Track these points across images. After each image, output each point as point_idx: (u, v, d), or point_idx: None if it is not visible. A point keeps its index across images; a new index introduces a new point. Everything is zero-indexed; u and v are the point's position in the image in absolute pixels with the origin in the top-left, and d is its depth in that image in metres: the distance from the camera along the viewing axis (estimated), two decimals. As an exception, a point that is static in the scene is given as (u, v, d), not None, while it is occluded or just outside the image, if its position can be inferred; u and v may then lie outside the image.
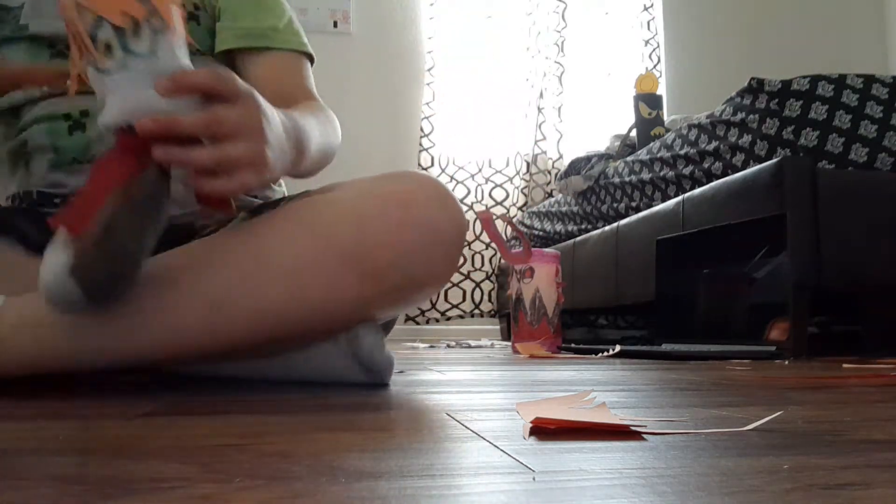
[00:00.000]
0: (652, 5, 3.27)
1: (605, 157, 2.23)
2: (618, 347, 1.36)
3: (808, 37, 3.46)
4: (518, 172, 3.10)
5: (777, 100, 1.39)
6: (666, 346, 1.40)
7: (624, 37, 3.28)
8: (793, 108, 1.37)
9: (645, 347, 1.40)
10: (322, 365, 0.66)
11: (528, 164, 3.10)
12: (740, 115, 1.47)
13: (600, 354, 1.32)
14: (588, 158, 2.27)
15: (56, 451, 0.32)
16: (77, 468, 0.28)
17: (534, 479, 0.27)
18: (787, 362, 1.10)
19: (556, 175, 3.01)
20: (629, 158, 1.97)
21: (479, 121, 3.10)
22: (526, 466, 0.29)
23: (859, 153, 1.36)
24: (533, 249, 1.49)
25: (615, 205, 2.04)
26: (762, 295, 1.41)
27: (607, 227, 1.99)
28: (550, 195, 3.03)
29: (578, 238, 2.18)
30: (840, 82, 1.38)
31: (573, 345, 1.65)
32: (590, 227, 2.20)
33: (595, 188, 2.15)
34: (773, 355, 1.21)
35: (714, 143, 1.56)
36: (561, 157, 3.09)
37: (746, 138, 1.46)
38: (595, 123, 3.17)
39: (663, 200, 1.74)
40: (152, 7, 0.51)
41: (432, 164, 3.04)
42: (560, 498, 0.24)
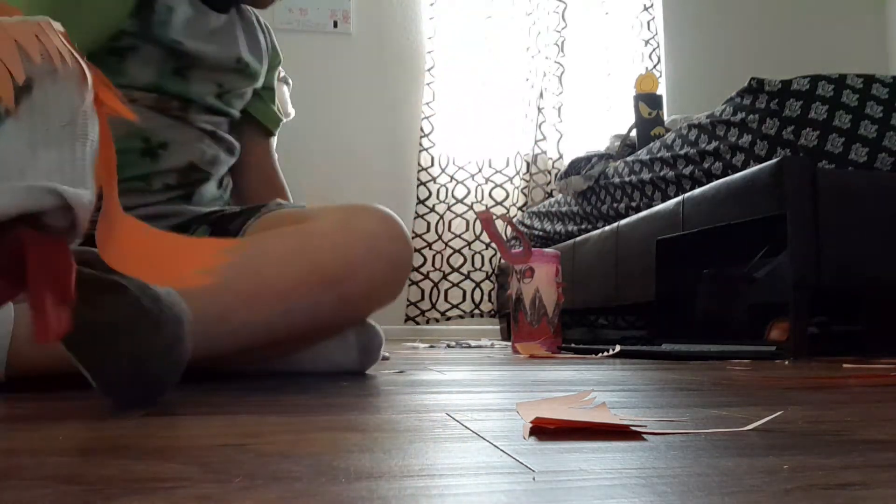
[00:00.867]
0: (652, 5, 3.27)
1: (605, 157, 2.23)
2: (618, 347, 1.36)
3: (808, 37, 3.46)
4: (518, 172, 3.10)
5: (777, 100, 1.39)
6: (666, 346, 1.40)
7: (624, 37, 3.28)
8: (793, 108, 1.37)
9: (645, 347, 1.40)
10: (325, 357, 0.78)
11: (528, 164, 3.10)
12: (740, 115, 1.47)
13: (600, 354, 1.32)
14: (588, 158, 2.27)
15: (56, 451, 0.32)
16: (77, 468, 0.28)
17: (534, 479, 0.27)
18: (787, 362, 1.10)
19: (556, 175, 3.02)
20: (629, 158, 1.97)
21: (479, 121, 3.10)
22: (526, 466, 0.29)
23: (859, 153, 1.36)
24: (533, 249, 1.49)
25: (615, 205, 2.04)
26: (762, 295, 1.41)
27: (607, 227, 1.99)
28: (550, 195, 3.03)
29: (578, 238, 2.18)
30: (840, 82, 1.38)
31: (573, 345, 1.65)
32: (590, 227, 2.20)
33: (595, 188, 2.15)
34: (773, 355, 1.21)
35: (714, 143, 1.56)
36: (561, 157, 3.09)
37: (746, 138, 1.46)
38: (595, 123, 3.17)
39: (663, 200, 1.74)
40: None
41: (432, 164, 3.04)
42: (560, 498, 0.24)
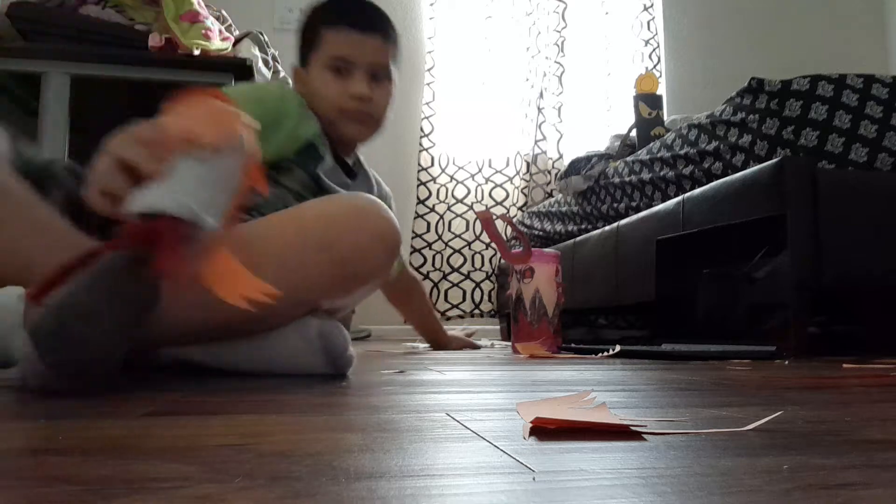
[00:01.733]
0: (652, 5, 3.27)
1: (605, 157, 2.23)
2: (618, 347, 1.36)
3: (808, 37, 3.46)
4: (518, 172, 3.10)
5: (777, 100, 1.39)
6: (666, 346, 1.40)
7: (624, 37, 3.28)
8: (793, 108, 1.37)
9: (645, 347, 1.40)
10: (291, 358, 0.80)
11: (528, 164, 3.10)
12: (740, 115, 1.47)
13: (600, 354, 1.32)
14: (588, 158, 2.27)
15: (56, 451, 0.32)
16: (77, 468, 0.28)
17: (534, 479, 0.27)
18: (787, 362, 1.10)
19: (556, 175, 3.02)
20: (629, 158, 1.97)
21: (479, 121, 3.10)
22: (526, 466, 0.29)
23: (859, 153, 1.36)
24: (533, 249, 1.49)
25: (615, 205, 2.04)
26: (762, 295, 1.41)
27: (607, 227, 1.99)
28: (550, 195, 3.03)
29: (578, 238, 2.18)
30: (840, 82, 1.38)
31: (573, 345, 1.65)
32: (590, 227, 2.20)
33: (595, 188, 2.15)
34: (773, 355, 1.21)
35: (714, 143, 1.56)
36: (561, 157, 3.09)
37: (746, 138, 1.46)
38: (595, 123, 3.17)
39: (663, 200, 1.74)
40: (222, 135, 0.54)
41: (432, 164, 3.04)
42: (560, 498, 0.24)
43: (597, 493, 0.24)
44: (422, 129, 3.05)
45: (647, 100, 2.16)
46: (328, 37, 1.08)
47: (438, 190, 3.04)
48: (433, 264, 3.01)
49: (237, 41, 1.76)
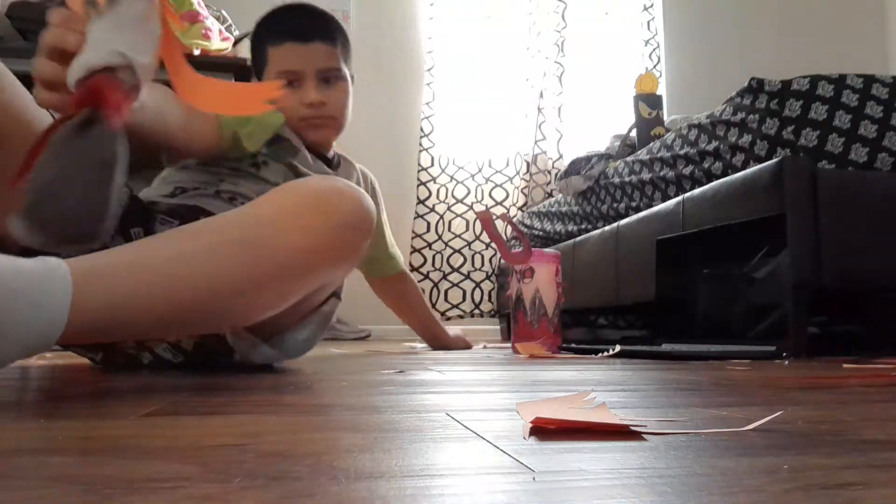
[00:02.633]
0: (652, 5, 3.27)
1: (605, 157, 2.23)
2: (618, 347, 1.36)
3: (808, 37, 3.46)
4: (518, 172, 3.10)
5: (777, 100, 1.39)
6: (666, 346, 1.40)
7: (624, 37, 3.28)
8: (793, 108, 1.37)
9: (645, 347, 1.40)
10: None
11: (528, 164, 3.10)
12: (740, 115, 1.47)
13: (600, 354, 1.32)
14: (588, 158, 2.27)
15: (56, 451, 0.32)
16: (77, 468, 0.28)
17: (534, 479, 0.27)
18: (787, 362, 1.10)
19: (556, 175, 3.01)
20: (629, 158, 1.97)
21: (479, 121, 3.10)
22: (526, 466, 0.29)
23: (859, 153, 1.36)
24: (533, 249, 1.49)
25: (615, 205, 2.04)
26: (762, 295, 1.41)
27: (607, 227, 1.99)
28: (550, 195, 3.03)
29: (578, 238, 2.18)
30: (840, 82, 1.37)
31: (573, 345, 1.65)
32: (590, 227, 2.20)
33: (595, 188, 2.15)
34: (773, 355, 1.21)
35: (714, 143, 1.56)
36: (561, 157, 3.09)
37: (746, 138, 1.46)
38: (595, 123, 3.17)
39: (663, 200, 1.74)
40: None
41: (432, 164, 3.04)
42: (560, 498, 0.24)
43: (597, 493, 0.24)
44: (422, 129, 3.05)
45: (647, 100, 2.16)
46: (273, 54, 1.11)
47: (438, 190, 3.04)
48: (433, 264, 3.01)
49: (237, 41, 1.76)
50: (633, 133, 2.22)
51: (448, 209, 3.04)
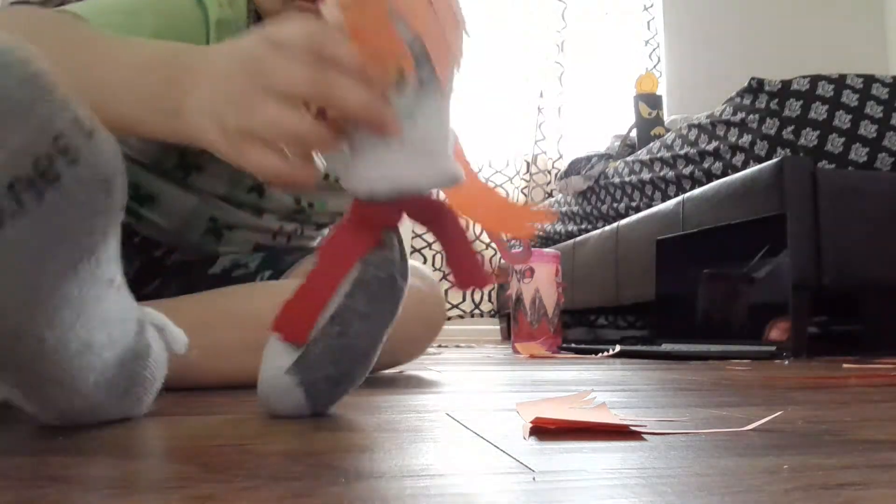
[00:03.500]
0: (652, 5, 3.27)
1: (605, 157, 2.23)
2: (618, 347, 1.36)
3: (808, 37, 3.46)
4: (518, 172, 3.10)
5: (777, 100, 1.39)
6: (666, 346, 1.40)
7: (624, 37, 3.28)
8: (793, 108, 1.37)
9: (645, 347, 1.40)
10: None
11: (528, 164, 3.10)
12: (740, 115, 1.47)
13: (600, 354, 1.32)
14: (588, 158, 2.27)
15: (56, 451, 0.32)
16: (77, 468, 0.28)
17: (534, 479, 0.27)
18: (787, 362, 1.10)
19: (556, 175, 3.02)
20: (629, 158, 1.97)
21: (478, 121, 3.10)
22: (526, 466, 0.29)
23: (859, 153, 1.36)
24: (533, 249, 1.49)
25: (615, 205, 2.04)
26: (762, 295, 1.41)
27: (607, 227, 1.99)
28: (550, 195, 3.03)
29: (578, 238, 2.18)
30: (840, 82, 1.38)
31: (573, 345, 1.65)
32: (590, 227, 2.20)
33: (595, 188, 2.15)
34: (773, 355, 1.21)
35: (714, 143, 1.56)
36: (561, 157, 3.09)
37: (746, 138, 1.46)
38: (595, 123, 3.17)
39: (663, 200, 1.74)
40: (423, 52, 0.37)
41: (432, 164, 3.04)
42: (560, 498, 0.24)
43: (597, 493, 0.24)
44: (422, 129, 3.05)
45: (647, 100, 2.17)
46: None
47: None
48: (433, 264, 3.01)
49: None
50: (633, 133, 2.22)
51: (448, 209, 3.04)
